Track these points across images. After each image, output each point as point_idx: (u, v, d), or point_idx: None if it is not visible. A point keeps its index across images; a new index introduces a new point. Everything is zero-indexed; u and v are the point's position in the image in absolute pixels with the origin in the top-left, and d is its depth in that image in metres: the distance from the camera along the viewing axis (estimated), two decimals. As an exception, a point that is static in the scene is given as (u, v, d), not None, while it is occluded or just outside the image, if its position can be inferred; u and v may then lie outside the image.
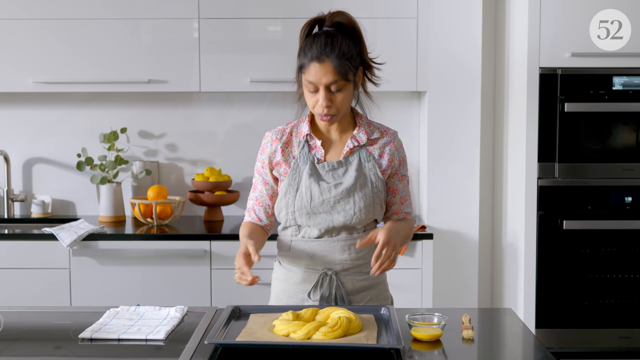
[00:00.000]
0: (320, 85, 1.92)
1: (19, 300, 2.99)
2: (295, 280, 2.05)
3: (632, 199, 3.00)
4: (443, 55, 3.24)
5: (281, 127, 2.09)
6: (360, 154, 2.03)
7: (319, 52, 1.91)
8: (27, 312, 1.95)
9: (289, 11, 3.24)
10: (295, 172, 2.01)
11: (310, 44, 1.94)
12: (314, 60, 1.91)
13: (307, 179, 1.99)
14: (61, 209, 3.61)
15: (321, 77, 1.91)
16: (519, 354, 1.73)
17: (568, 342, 3.04)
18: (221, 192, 3.40)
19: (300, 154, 2.03)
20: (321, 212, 1.98)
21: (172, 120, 3.59)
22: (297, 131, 2.07)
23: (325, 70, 1.90)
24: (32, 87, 3.26)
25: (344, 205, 1.98)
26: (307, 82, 1.94)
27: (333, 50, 1.91)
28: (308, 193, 1.98)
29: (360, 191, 1.98)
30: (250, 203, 2.11)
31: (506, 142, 3.30)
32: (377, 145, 2.05)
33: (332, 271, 2.01)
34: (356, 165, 2.01)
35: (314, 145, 2.03)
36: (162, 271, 3.07)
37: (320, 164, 2.01)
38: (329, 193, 1.98)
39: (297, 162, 2.02)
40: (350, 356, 1.60)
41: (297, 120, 2.10)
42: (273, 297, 2.14)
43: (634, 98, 2.97)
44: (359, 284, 2.03)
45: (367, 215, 2.00)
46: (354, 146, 2.02)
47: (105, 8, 3.22)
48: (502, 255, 3.36)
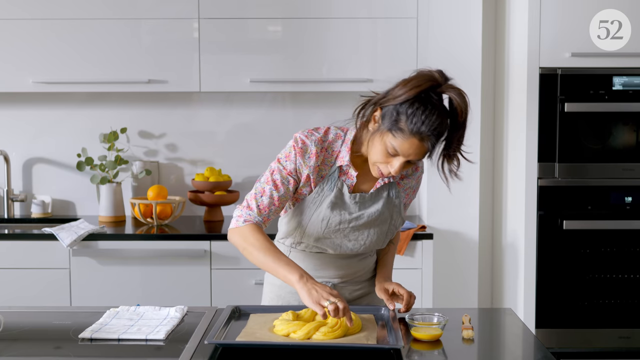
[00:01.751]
0: (404, 157, 1.77)
1: (19, 300, 2.99)
2: (291, 288, 1.99)
3: (632, 199, 3.00)
4: (443, 56, 3.23)
5: (319, 137, 1.89)
6: (389, 190, 1.95)
7: (426, 132, 1.73)
8: (27, 312, 1.95)
9: (289, 11, 3.24)
10: (319, 195, 1.89)
11: (419, 115, 1.73)
12: (416, 137, 1.73)
13: (327, 208, 1.88)
14: (61, 209, 3.61)
15: (411, 154, 1.76)
16: (519, 354, 1.73)
17: (568, 342, 3.04)
18: (221, 192, 3.40)
19: (329, 176, 1.90)
20: (331, 237, 1.92)
21: (172, 120, 3.59)
22: (332, 149, 1.90)
23: (420, 150, 1.76)
24: (32, 87, 3.26)
25: (358, 236, 1.93)
26: (392, 147, 1.76)
27: (439, 133, 1.75)
28: (325, 221, 1.89)
29: (378, 227, 1.94)
30: (265, 200, 1.87)
31: (506, 142, 3.30)
32: (408, 180, 1.99)
33: (331, 283, 1.99)
34: (384, 201, 1.94)
35: (348, 174, 1.90)
36: (162, 271, 3.07)
37: (351, 193, 1.90)
38: (347, 224, 1.90)
39: (323, 186, 1.89)
40: (350, 356, 1.60)
41: (335, 135, 1.91)
42: (266, 302, 2.09)
43: (634, 98, 2.96)
44: (356, 292, 2.03)
45: (375, 247, 1.99)
46: (387, 181, 1.94)
47: (106, 8, 3.22)
48: (502, 255, 3.36)
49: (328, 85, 3.25)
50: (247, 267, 3.06)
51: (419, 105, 1.74)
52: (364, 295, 2.05)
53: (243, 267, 3.06)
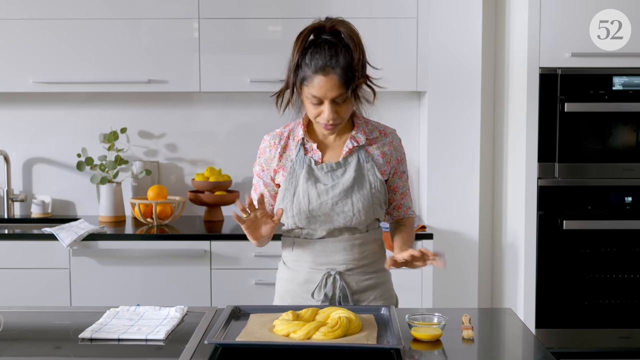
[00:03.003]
0: (326, 99, 1.88)
1: (19, 300, 2.99)
2: (299, 280, 2.04)
3: (632, 199, 3.00)
4: (443, 55, 3.24)
5: (279, 131, 2.07)
6: (359, 155, 2.01)
7: (324, 64, 1.86)
8: (27, 312, 1.95)
9: (289, 11, 3.24)
10: (292, 177, 1.99)
11: (312, 54, 1.88)
12: (319, 73, 1.86)
13: (304, 183, 1.97)
14: (61, 209, 3.61)
15: (327, 92, 1.87)
16: (519, 354, 1.73)
17: (568, 342, 3.04)
18: (221, 192, 3.40)
19: (296, 157, 2.01)
20: (320, 215, 1.97)
21: (172, 120, 3.59)
22: (294, 135, 2.04)
23: (331, 84, 1.86)
24: (32, 87, 3.26)
25: (343, 207, 1.96)
26: (311, 96, 1.89)
27: (338, 63, 1.86)
28: (305, 197, 1.96)
29: (358, 192, 1.97)
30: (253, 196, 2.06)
31: (506, 142, 3.30)
32: (376, 145, 2.04)
33: (336, 271, 2.00)
34: (355, 166, 1.99)
35: (310, 148, 2.01)
36: (162, 271, 3.07)
37: (318, 165, 2.00)
38: (326, 195, 1.96)
39: (294, 166, 2.00)
40: (350, 356, 1.60)
41: (295, 123, 2.06)
42: (277, 297, 2.12)
43: (634, 98, 2.97)
44: (363, 283, 2.03)
45: (367, 216, 1.99)
46: (353, 147, 2.01)
47: (106, 8, 3.22)
48: (502, 255, 3.36)
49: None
50: (247, 267, 3.06)
51: (310, 49, 1.90)
52: (373, 286, 2.05)
53: (243, 267, 3.06)
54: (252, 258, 3.06)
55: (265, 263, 3.05)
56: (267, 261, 3.04)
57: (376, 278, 2.05)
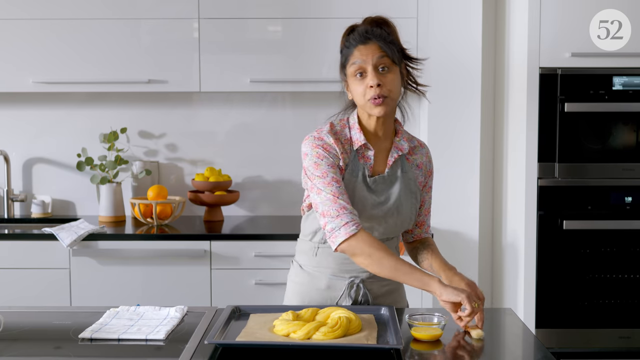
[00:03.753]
0: (368, 65, 1.88)
1: (19, 300, 2.99)
2: (319, 286, 2.01)
3: (632, 199, 3.00)
4: (443, 55, 3.24)
5: (327, 130, 1.94)
6: (402, 164, 2.00)
7: (362, 36, 1.90)
8: (27, 312, 1.95)
9: (289, 11, 3.24)
10: (349, 182, 1.92)
11: (350, 37, 1.93)
12: (359, 44, 1.90)
13: (360, 192, 1.92)
14: (61, 209, 3.61)
15: (367, 55, 1.88)
16: (519, 354, 1.73)
17: (568, 342, 3.04)
18: (221, 192, 3.40)
19: (351, 163, 1.93)
20: (365, 223, 1.94)
21: (172, 120, 3.59)
22: (345, 137, 1.95)
23: (371, 49, 1.89)
24: (32, 87, 3.26)
25: (388, 219, 1.96)
26: (355, 67, 1.89)
27: (375, 34, 1.90)
28: (360, 204, 1.92)
29: (405, 205, 1.98)
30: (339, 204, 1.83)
31: (506, 142, 3.30)
32: (416, 156, 2.04)
33: (360, 279, 1.99)
34: (400, 178, 1.98)
35: (364, 155, 1.96)
36: (162, 271, 3.07)
37: (371, 177, 1.95)
38: (379, 209, 1.94)
39: (351, 171, 1.93)
40: (350, 356, 1.60)
41: (340, 125, 1.98)
42: (288, 298, 2.09)
43: (634, 98, 2.97)
44: (383, 289, 2.03)
45: (405, 227, 2.02)
46: (397, 156, 1.98)
47: (105, 8, 3.22)
48: (502, 255, 3.36)
49: (328, 85, 3.25)
50: (247, 267, 3.06)
51: (349, 36, 1.95)
52: (390, 292, 2.04)
53: (243, 267, 3.06)
54: (252, 258, 3.06)
55: (265, 263, 3.05)
56: (267, 261, 3.04)
57: (393, 284, 2.05)
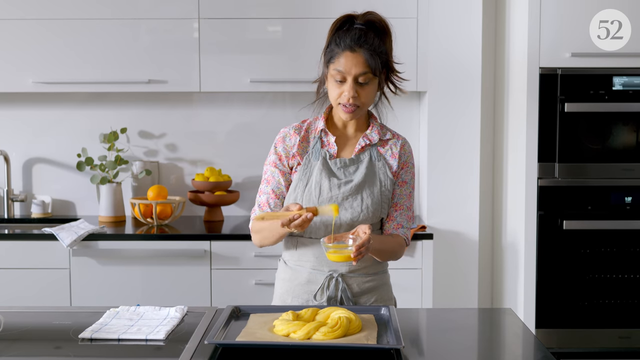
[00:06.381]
0: (349, 75, 1.93)
1: (19, 300, 2.99)
2: (300, 280, 2.04)
3: (632, 199, 3.00)
4: (443, 55, 3.24)
5: (297, 124, 2.10)
6: (371, 153, 2.05)
7: (352, 43, 1.93)
8: (27, 312, 1.95)
9: (289, 11, 3.24)
10: (307, 167, 2.02)
11: (342, 35, 1.95)
12: (347, 50, 1.93)
13: (318, 174, 2.00)
14: (61, 209, 3.61)
15: (351, 67, 1.92)
16: (519, 354, 1.73)
17: (568, 342, 3.04)
18: (221, 192, 3.40)
19: (313, 149, 2.04)
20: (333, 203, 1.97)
21: (172, 120, 3.59)
22: (313, 128, 2.08)
23: (357, 60, 1.92)
24: (32, 87, 3.26)
25: (352, 202, 1.99)
26: (336, 72, 1.94)
27: (367, 43, 1.93)
28: (317, 188, 1.99)
29: (368, 189, 2.00)
30: (263, 198, 2.06)
31: (506, 142, 3.30)
32: (388, 146, 2.08)
33: (338, 273, 2.01)
34: (367, 163, 2.03)
35: (327, 142, 2.05)
36: (162, 271, 3.07)
37: (332, 160, 2.02)
38: (338, 189, 1.99)
39: (309, 157, 2.03)
40: (350, 356, 1.60)
41: (313, 118, 2.10)
42: (277, 298, 2.12)
43: (634, 98, 2.97)
44: (364, 285, 2.03)
45: (374, 213, 2.01)
46: (365, 144, 2.04)
47: (105, 8, 3.22)
48: (502, 255, 3.36)
49: (328, 85, 3.25)
50: (247, 267, 3.06)
51: (342, 31, 1.98)
52: (373, 288, 2.05)
53: (243, 267, 3.06)
54: (252, 258, 3.06)
55: (265, 263, 3.05)
56: (267, 261, 3.04)
57: (376, 280, 2.06)
